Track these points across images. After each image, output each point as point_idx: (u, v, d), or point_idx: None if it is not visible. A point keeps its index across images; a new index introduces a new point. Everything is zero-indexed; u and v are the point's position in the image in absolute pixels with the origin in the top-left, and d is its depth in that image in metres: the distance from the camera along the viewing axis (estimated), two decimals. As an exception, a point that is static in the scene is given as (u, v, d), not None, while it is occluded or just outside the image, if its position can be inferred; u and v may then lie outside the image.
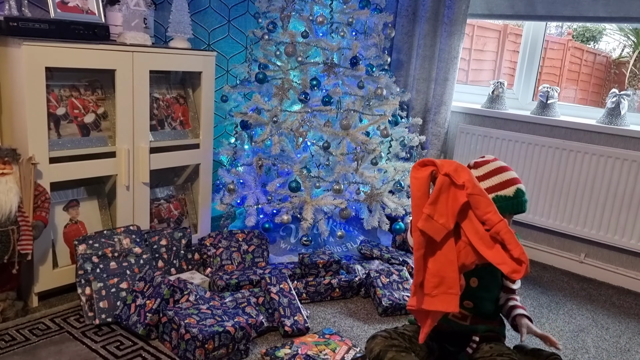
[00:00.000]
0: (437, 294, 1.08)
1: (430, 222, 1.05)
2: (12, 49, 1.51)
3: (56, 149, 1.61)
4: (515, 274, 1.04)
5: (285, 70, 2.07)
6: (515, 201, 1.20)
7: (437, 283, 1.07)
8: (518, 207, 1.20)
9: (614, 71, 3.54)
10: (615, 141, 2.18)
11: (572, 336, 1.75)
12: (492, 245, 1.06)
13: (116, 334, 1.51)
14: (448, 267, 1.07)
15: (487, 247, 1.06)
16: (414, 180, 1.08)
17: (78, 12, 1.70)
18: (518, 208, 1.20)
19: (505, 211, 1.19)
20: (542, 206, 2.33)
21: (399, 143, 2.27)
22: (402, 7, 2.54)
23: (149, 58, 1.76)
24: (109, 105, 1.75)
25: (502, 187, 1.21)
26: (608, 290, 2.16)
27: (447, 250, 1.08)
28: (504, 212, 1.18)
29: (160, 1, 2.14)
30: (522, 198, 1.21)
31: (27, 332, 1.49)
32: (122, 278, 1.62)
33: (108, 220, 1.83)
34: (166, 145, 1.92)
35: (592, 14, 2.22)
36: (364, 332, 1.66)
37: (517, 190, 1.21)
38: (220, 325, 1.43)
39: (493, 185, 1.22)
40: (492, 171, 1.24)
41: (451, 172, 1.06)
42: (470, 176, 1.07)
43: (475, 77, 3.31)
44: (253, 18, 2.49)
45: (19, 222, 1.46)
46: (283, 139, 2.02)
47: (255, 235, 1.99)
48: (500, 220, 1.06)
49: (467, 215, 1.07)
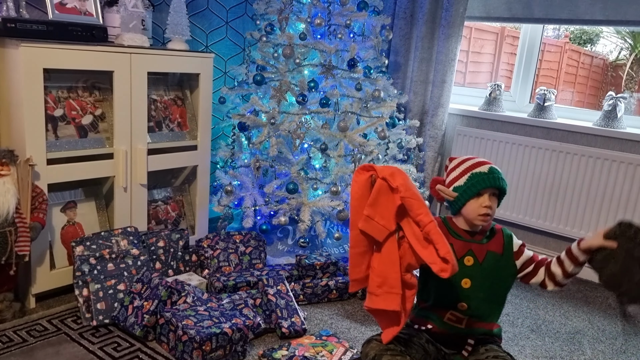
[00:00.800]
0: (380, 293, 1.14)
1: (370, 223, 1.13)
2: (10, 50, 1.51)
3: (54, 150, 1.61)
4: (442, 272, 1.09)
5: (283, 72, 2.07)
6: (491, 176, 1.24)
7: (381, 283, 1.14)
8: (495, 182, 1.24)
9: (610, 74, 3.56)
10: (612, 144, 2.19)
11: (568, 338, 1.75)
12: (426, 245, 1.11)
13: (113, 336, 1.51)
14: (390, 268, 1.13)
15: (422, 247, 1.11)
16: (354, 183, 1.16)
17: (76, 13, 1.70)
18: (495, 182, 1.24)
19: (483, 185, 1.24)
20: (539, 208, 2.34)
21: (397, 145, 2.28)
22: (400, 9, 2.55)
23: (147, 59, 1.77)
24: (107, 106, 1.76)
25: (477, 166, 1.26)
26: (604, 292, 2.17)
27: (390, 251, 1.14)
28: (483, 187, 1.24)
29: (158, 3, 2.14)
30: (497, 174, 1.25)
31: (24, 334, 1.49)
32: (119, 279, 1.62)
33: (105, 221, 1.83)
34: (164, 146, 1.92)
35: (589, 17, 2.23)
36: (361, 333, 1.66)
37: (491, 168, 1.26)
38: (218, 326, 1.43)
39: (468, 166, 1.27)
40: (466, 159, 1.30)
41: (387, 176, 1.12)
42: (405, 180, 1.13)
43: (473, 79, 3.32)
44: (251, 20, 2.50)
45: (17, 224, 1.46)
46: (281, 141, 2.02)
47: (252, 236, 2.00)
48: (431, 222, 1.11)
49: (405, 217, 1.13)
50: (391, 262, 1.13)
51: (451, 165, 1.33)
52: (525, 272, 1.29)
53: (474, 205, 1.24)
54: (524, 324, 1.82)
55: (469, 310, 1.26)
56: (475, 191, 1.24)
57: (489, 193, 1.25)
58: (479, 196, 1.24)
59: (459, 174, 1.28)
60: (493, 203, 1.25)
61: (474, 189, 1.24)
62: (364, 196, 1.14)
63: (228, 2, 2.43)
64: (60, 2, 1.67)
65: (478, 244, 1.27)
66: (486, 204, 1.23)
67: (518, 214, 2.40)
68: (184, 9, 1.91)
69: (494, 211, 1.26)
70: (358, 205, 1.15)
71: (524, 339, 1.72)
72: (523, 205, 2.38)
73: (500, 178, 1.26)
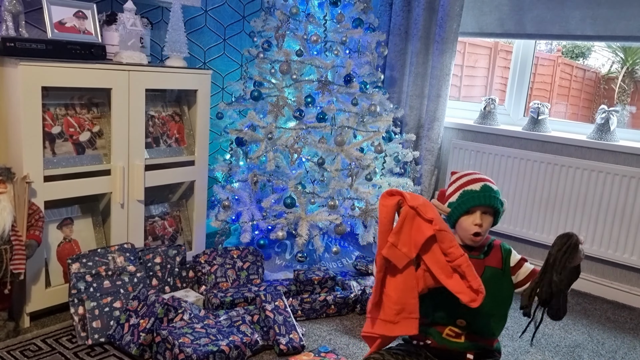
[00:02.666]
0: (399, 320, 1.18)
1: (393, 250, 1.15)
2: (9, 69, 1.52)
3: (51, 167, 1.62)
4: (472, 302, 1.13)
5: (280, 87, 2.09)
6: (482, 194, 1.25)
7: (399, 310, 1.17)
8: (486, 200, 1.24)
9: (603, 86, 3.61)
10: (605, 156, 2.21)
11: (568, 352, 1.74)
12: (451, 274, 1.15)
13: (109, 355, 1.49)
14: (409, 294, 1.17)
15: (447, 276, 1.15)
16: (382, 207, 1.17)
17: (75, 32, 1.72)
18: (486, 201, 1.24)
19: (472, 203, 1.24)
20: (536, 221, 2.35)
21: (393, 159, 2.29)
22: (395, 26, 2.59)
23: (145, 77, 1.78)
24: (105, 123, 1.76)
25: (470, 183, 1.28)
26: (603, 305, 2.17)
27: (408, 277, 1.17)
28: (473, 205, 1.24)
29: (157, 21, 2.17)
30: (489, 193, 1.26)
31: (18, 354, 1.46)
32: (115, 297, 1.60)
33: (102, 238, 1.83)
34: (161, 162, 1.92)
35: (580, 32, 2.28)
36: (359, 349, 1.64)
37: (483, 185, 1.27)
38: (215, 344, 1.41)
39: (462, 183, 1.29)
40: (463, 175, 1.32)
41: (419, 206, 1.15)
42: (436, 212, 1.17)
43: (468, 93, 3.36)
44: (248, 37, 2.53)
45: (12, 242, 1.46)
46: (278, 156, 2.03)
47: (250, 252, 1.99)
48: (462, 255, 1.15)
49: (429, 246, 1.16)
50: (410, 288, 1.16)
51: (450, 180, 1.34)
52: (523, 287, 1.29)
53: (465, 223, 1.25)
54: (523, 338, 1.81)
55: (468, 326, 1.25)
56: (465, 208, 1.25)
57: (481, 211, 1.25)
58: (470, 214, 1.25)
59: (453, 190, 1.30)
60: (485, 221, 1.25)
61: (464, 207, 1.25)
62: (391, 221, 1.17)
63: (225, 19, 2.46)
64: (60, 21, 1.69)
65: (475, 259, 1.26)
66: (476, 222, 1.24)
67: (515, 227, 2.40)
68: (182, 26, 1.94)
69: (485, 230, 1.25)
70: (385, 231, 1.17)
71: (524, 354, 1.71)
72: (520, 218, 2.39)
73: (492, 197, 1.25)
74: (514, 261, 1.29)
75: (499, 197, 1.27)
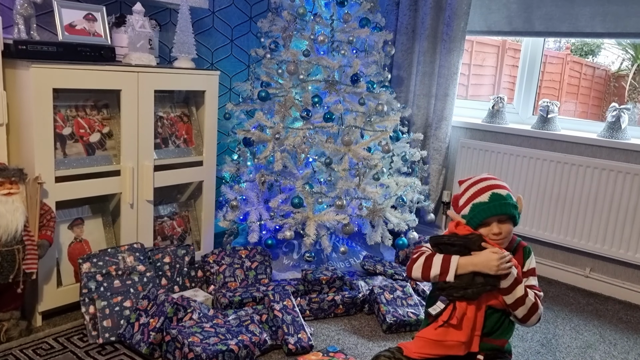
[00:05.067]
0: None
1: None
2: (21, 71, 1.54)
3: (62, 168, 1.64)
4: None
5: (287, 88, 2.10)
6: (490, 205, 1.23)
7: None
8: (497, 210, 1.23)
9: (613, 84, 3.57)
10: (616, 155, 2.19)
11: (579, 352, 1.73)
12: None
13: (119, 353, 1.51)
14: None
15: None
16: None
17: (85, 34, 1.74)
18: (497, 210, 1.23)
19: (484, 216, 1.23)
20: (546, 220, 2.33)
21: (401, 158, 2.29)
22: (402, 25, 2.58)
23: (154, 78, 1.80)
24: (114, 124, 1.78)
25: (477, 195, 1.26)
26: (615, 305, 2.14)
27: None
28: (484, 217, 1.23)
29: (165, 22, 2.18)
30: (498, 201, 1.24)
31: (30, 352, 1.48)
32: (125, 296, 1.62)
33: (112, 238, 1.84)
34: (170, 163, 1.94)
35: (589, 29, 2.25)
36: (368, 349, 1.64)
37: (491, 195, 1.25)
38: (224, 343, 1.42)
39: (470, 195, 1.28)
40: (470, 185, 1.30)
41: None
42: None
43: (475, 91, 3.34)
44: (255, 38, 2.54)
45: (25, 241, 1.48)
46: (285, 156, 2.04)
47: (258, 251, 1.99)
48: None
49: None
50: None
51: (460, 190, 1.33)
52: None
53: (483, 232, 1.25)
54: (533, 339, 1.80)
55: (482, 328, 1.25)
56: (478, 221, 1.24)
57: (496, 220, 1.24)
58: (487, 225, 1.24)
59: (464, 203, 1.28)
60: (504, 228, 1.24)
61: (477, 220, 1.24)
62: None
63: (233, 20, 2.48)
64: (70, 23, 1.71)
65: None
66: (494, 231, 1.23)
67: (524, 226, 2.38)
68: (190, 28, 1.95)
69: (507, 234, 1.25)
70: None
71: (534, 354, 1.69)
72: (529, 218, 2.37)
73: (503, 204, 1.23)
74: (527, 266, 1.29)
75: (510, 202, 1.25)
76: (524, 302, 1.22)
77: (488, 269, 1.19)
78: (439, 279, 1.22)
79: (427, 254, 1.25)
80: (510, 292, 1.21)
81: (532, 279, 1.29)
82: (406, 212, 2.19)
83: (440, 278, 1.21)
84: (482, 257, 1.20)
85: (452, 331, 1.22)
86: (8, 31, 1.66)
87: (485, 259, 1.20)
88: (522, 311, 1.23)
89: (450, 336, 1.22)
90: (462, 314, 1.20)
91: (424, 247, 1.29)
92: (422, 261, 1.24)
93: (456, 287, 1.20)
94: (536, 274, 1.31)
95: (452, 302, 1.22)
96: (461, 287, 1.19)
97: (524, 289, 1.23)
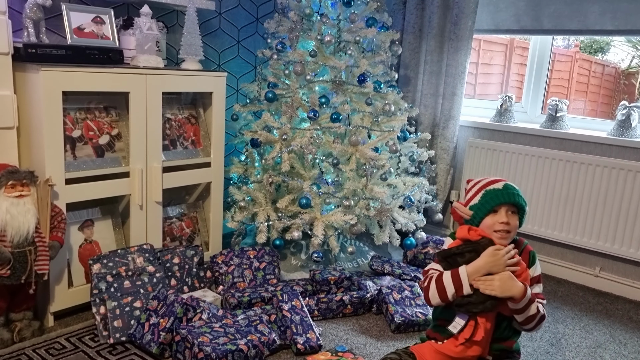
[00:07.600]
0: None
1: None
2: (31, 75, 1.56)
3: (72, 170, 1.65)
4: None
5: (294, 88, 2.10)
6: (505, 192, 1.25)
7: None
8: (510, 197, 1.24)
9: (623, 82, 3.52)
10: (627, 153, 2.16)
11: (589, 352, 1.71)
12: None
13: (130, 353, 1.52)
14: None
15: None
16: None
17: (93, 37, 1.76)
18: (510, 198, 1.24)
19: (497, 201, 1.24)
20: (555, 219, 2.31)
21: (408, 158, 2.28)
22: (409, 24, 2.57)
23: (162, 80, 1.81)
24: (123, 126, 1.80)
25: (491, 184, 1.28)
26: (625, 305, 2.12)
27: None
28: (497, 203, 1.24)
29: (172, 24, 2.20)
30: (512, 190, 1.26)
31: (43, 352, 1.50)
32: (135, 297, 1.63)
33: (122, 239, 1.86)
34: (178, 164, 1.95)
35: (599, 27, 2.23)
36: (376, 349, 1.64)
37: (505, 184, 1.27)
38: (234, 343, 1.43)
39: (482, 184, 1.29)
40: (481, 179, 1.32)
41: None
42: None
43: (483, 90, 3.32)
44: (262, 39, 2.54)
45: (36, 243, 1.49)
46: (293, 156, 2.04)
47: (266, 252, 2.00)
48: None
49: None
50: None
51: (468, 187, 1.34)
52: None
53: (490, 222, 1.24)
54: (543, 338, 1.78)
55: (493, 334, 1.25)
56: (489, 207, 1.24)
57: (505, 209, 1.24)
58: (495, 213, 1.24)
59: (474, 193, 1.29)
60: (512, 220, 1.24)
61: (488, 206, 1.24)
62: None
63: (239, 21, 2.48)
64: (78, 27, 1.73)
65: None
66: (502, 220, 1.23)
67: (533, 226, 2.37)
68: (197, 30, 1.96)
69: (514, 228, 1.25)
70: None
71: (544, 354, 1.68)
72: (538, 217, 2.35)
73: (516, 194, 1.25)
74: (533, 273, 1.29)
75: (522, 196, 1.27)
76: (535, 318, 1.24)
77: (496, 268, 1.19)
78: (457, 295, 1.21)
79: (435, 277, 1.25)
80: (523, 311, 1.22)
81: (536, 286, 1.28)
82: (414, 212, 2.18)
83: (458, 294, 1.21)
84: (487, 258, 1.20)
85: (473, 347, 1.22)
86: (18, 35, 1.68)
87: (491, 259, 1.19)
88: (530, 325, 1.25)
89: (471, 351, 1.22)
90: (484, 329, 1.20)
91: (430, 270, 1.29)
92: (434, 286, 1.24)
93: (474, 303, 1.19)
94: (542, 281, 1.31)
95: (472, 318, 1.21)
96: (479, 301, 1.19)
97: (536, 308, 1.23)
